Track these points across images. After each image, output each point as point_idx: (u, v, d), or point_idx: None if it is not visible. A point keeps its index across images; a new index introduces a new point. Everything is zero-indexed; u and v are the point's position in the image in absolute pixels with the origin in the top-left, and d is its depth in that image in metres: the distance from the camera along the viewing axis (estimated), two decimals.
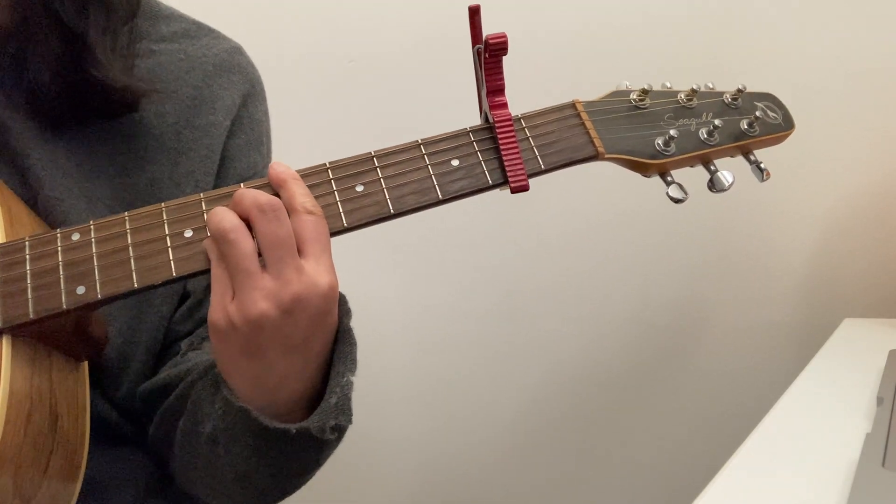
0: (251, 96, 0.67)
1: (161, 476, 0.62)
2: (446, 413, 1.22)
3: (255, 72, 0.68)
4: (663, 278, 1.11)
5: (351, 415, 0.48)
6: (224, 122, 0.64)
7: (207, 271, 0.47)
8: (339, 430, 0.49)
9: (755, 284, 1.08)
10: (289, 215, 0.46)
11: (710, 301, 1.10)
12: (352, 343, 0.50)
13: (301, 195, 0.47)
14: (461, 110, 0.59)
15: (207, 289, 0.52)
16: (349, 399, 0.49)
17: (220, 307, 0.45)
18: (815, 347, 0.83)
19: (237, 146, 0.65)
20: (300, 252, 0.45)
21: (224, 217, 0.45)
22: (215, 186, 0.64)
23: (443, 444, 1.24)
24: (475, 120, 0.54)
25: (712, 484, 0.48)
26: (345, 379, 0.48)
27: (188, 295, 0.62)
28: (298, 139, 0.75)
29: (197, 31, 0.66)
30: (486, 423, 1.21)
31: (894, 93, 0.99)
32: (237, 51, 0.68)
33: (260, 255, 0.45)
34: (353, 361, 0.49)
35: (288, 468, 0.51)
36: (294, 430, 0.47)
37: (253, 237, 0.45)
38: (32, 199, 0.56)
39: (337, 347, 0.49)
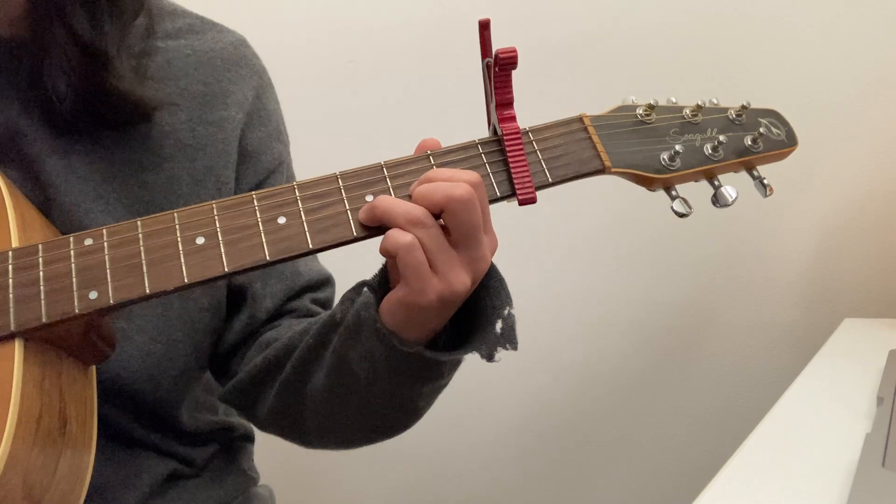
0: (262, 88, 0.68)
1: (166, 479, 0.62)
2: (448, 414, 1.22)
3: (260, 63, 0.70)
4: (663, 279, 1.12)
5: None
6: (237, 115, 0.65)
7: (217, 279, 0.48)
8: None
9: (755, 285, 1.08)
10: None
11: (710, 301, 1.11)
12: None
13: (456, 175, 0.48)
14: (460, 109, 0.60)
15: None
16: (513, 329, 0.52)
17: (424, 287, 0.47)
18: (815, 347, 0.84)
19: (259, 139, 0.66)
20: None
21: (415, 210, 0.47)
22: (241, 181, 0.65)
23: (446, 446, 1.24)
24: (474, 117, 0.54)
25: (712, 484, 0.48)
26: (506, 311, 0.51)
27: (239, 290, 0.65)
28: (298, 138, 0.76)
29: (201, 26, 0.67)
30: (487, 424, 1.22)
31: (895, 95, 1.00)
32: (242, 43, 0.68)
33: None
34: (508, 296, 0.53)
35: (441, 386, 0.56)
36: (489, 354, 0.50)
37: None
38: (48, 204, 0.57)
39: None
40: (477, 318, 0.52)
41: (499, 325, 0.50)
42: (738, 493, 0.48)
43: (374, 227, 0.49)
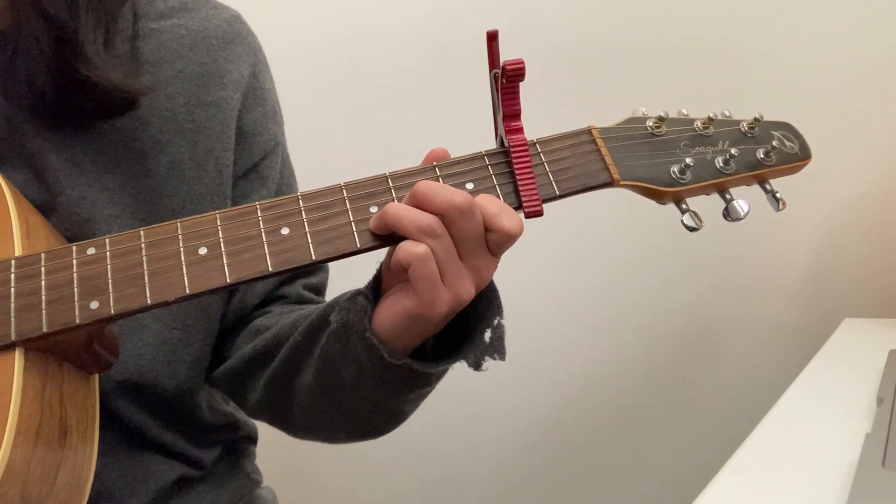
0: (257, 66, 0.67)
1: (172, 484, 0.62)
2: (453, 417, 1.22)
3: (255, 40, 0.69)
4: (664, 280, 1.12)
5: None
6: (234, 95, 0.64)
7: (219, 289, 0.47)
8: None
9: (756, 285, 1.08)
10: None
11: (711, 302, 1.11)
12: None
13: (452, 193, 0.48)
14: (460, 109, 0.59)
15: None
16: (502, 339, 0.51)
17: (435, 298, 0.46)
18: (815, 347, 0.83)
19: (256, 119, 0.66)
20: None
21: (426, 218, 0.46)
22: (237, 163, 0.64)
23: (451, 449, 1.24)
24: (474, 117, 0.54)
25: (712, 484, 0.48)
26: (495, 321, 0.51)
27: None
28: (298, 138, 0.76)
29: (194, 4, 0.66)
30: (493, 427, 1.22)
31: (894, 94, 0.99)
32: (237, 19, 0.68)
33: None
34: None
35: (426, 393, 0.56)
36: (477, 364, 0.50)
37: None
38: (55, 199, 0.56)
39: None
40: (466, 326, 0.51)
41: (488, 335, 0.50)
42: (739, 492, 0.47)
43: (380, 239, 0.49)
